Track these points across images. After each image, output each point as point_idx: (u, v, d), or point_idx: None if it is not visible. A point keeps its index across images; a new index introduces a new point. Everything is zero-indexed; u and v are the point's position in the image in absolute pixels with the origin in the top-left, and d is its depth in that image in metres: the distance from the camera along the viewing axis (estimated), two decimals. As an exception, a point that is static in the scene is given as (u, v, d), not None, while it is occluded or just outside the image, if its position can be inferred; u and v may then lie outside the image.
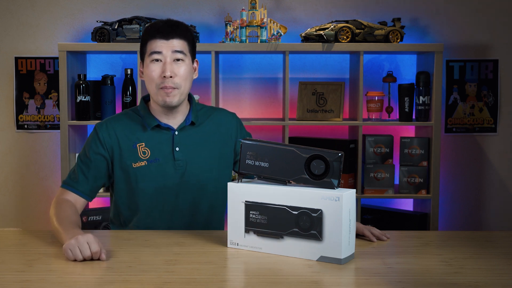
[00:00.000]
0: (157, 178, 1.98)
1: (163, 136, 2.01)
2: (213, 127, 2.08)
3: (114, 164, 1.99)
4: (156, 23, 1.99)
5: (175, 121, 2.02)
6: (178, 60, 1.95)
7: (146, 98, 2.08)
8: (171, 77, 1.92)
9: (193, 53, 2.02)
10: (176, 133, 2.01)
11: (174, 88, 1.94)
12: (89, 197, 2.00)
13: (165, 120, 2.02)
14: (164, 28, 1.95)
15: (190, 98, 2.07)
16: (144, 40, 1.98)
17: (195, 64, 2.05)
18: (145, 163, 1.97)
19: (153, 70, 1.94)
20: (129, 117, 2.04)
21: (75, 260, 1.60)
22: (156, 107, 2.01)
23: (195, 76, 2.05)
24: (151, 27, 1.98)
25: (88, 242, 1.61)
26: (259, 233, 1.68)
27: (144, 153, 1.98)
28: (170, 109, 1.99)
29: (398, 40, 3.04)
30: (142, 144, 1.99)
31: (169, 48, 1.94)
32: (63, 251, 1.62)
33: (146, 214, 2.00)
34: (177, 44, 1.95)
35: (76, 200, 1.96)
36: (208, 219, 2.04)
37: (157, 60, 1.94)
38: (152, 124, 2.00)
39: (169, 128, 2.01)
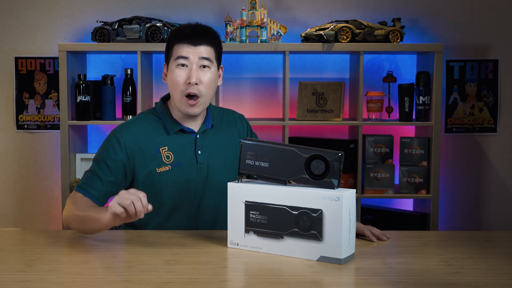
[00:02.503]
0: (180, 182, 1.96)
1: (185, 139, 1.99)
2: (227, 129, 2.09)
3: (136, 169, 1.96)
4: (184, 27, 1.96)
5: (195, 124, 2.02)
6: (204, 67, 1.93)
7: (165, 99, 2.06)
8: (196, 84, 1.91)
9: (219, 60, 2.01)
10: (198, 136, 2.00)
11: (198, 98, 1.92)
12: (101, 202, 1.95)
13: (186, 123, 2.01)
14: (193, 34, 1.93)
15: None
16: (170, 43, 1.96)
17: (219, 71, 2.04)
18: (169, 167, 1.96)
19: (178, 75, 1.92)
20: (149, 120, 2.01)
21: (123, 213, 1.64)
22: (177, 111, 2.00)
23: (219, 82, 2.04)
24: (179, 31, 1.95)
25: (137, 194, 1.64)
26: (259, 233, 1.68)
27: (167, 157, 1.96)
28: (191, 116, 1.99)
29: (398, 40, 3.04)
30: (165, 148, 1.97)
31: (196, 54, 1.92)
32: (113, 208, 1.64)
33: (169, 218, 1.99)
34: (205, 51, 1.93)
35: None
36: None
37: (183, 65, 1.92)
38: (175, 128, 1.98)
39: (190, 132, 2.00)
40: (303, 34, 3.09)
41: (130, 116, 3.10)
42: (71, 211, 1.86)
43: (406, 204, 3.40)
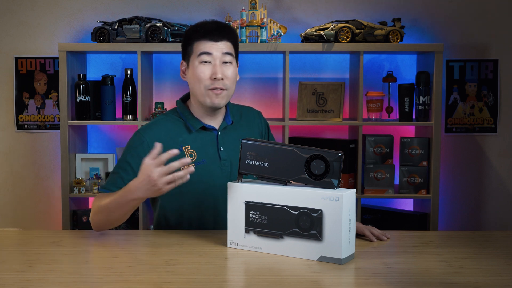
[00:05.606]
0: (205, 180, 1.97)
1: (207, 137, 2.01)
2: (246, 126, 2.10)
3: None
4: (204, 24, 1.99)
5: (216, 121, 2.03)
6: (226, 62, 1.95)
7: (184, 99, 2.07)
8: (221, 79, 1.93)
9: (237, 55, 2.03)
10: (219, 133, 2.02)
11: (223, 90, 1.94)
12: None
13: (207, 121, 2.02)
14: (214, 30, 1.96)
15: None
16: (190, 40, 1.97)
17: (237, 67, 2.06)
18: (192, 166, 1.96)
19: (203, 71, 1.94)
20: (170, 120, 2.02)
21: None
22: (198, 108, 2.01)
23: (237, 78, 2.06)
24: (200, 27, 1.97)
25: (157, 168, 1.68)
26: (259, 233, 1.68)
27: (191, 155, 1.97)
28: (214, 110, 1.99)
29: (398, 40, 3.04)
30: (188, 147, 1.98)
31: (219, 50, 1.94)
32: (164, 189, 1.68)
33: (198, 216, 1.99)
34: (226, 46, 1.96)
35: None
36: None
37: (206, 61, 1.94)
38: (197, 126, 1.99)
39: (212, 129, 2.02)
40: (303, 34, 3.09)
41: (130, 116, 3.10)
42: (96, 209, 1.88)
43: (406, 204, 3.40)
